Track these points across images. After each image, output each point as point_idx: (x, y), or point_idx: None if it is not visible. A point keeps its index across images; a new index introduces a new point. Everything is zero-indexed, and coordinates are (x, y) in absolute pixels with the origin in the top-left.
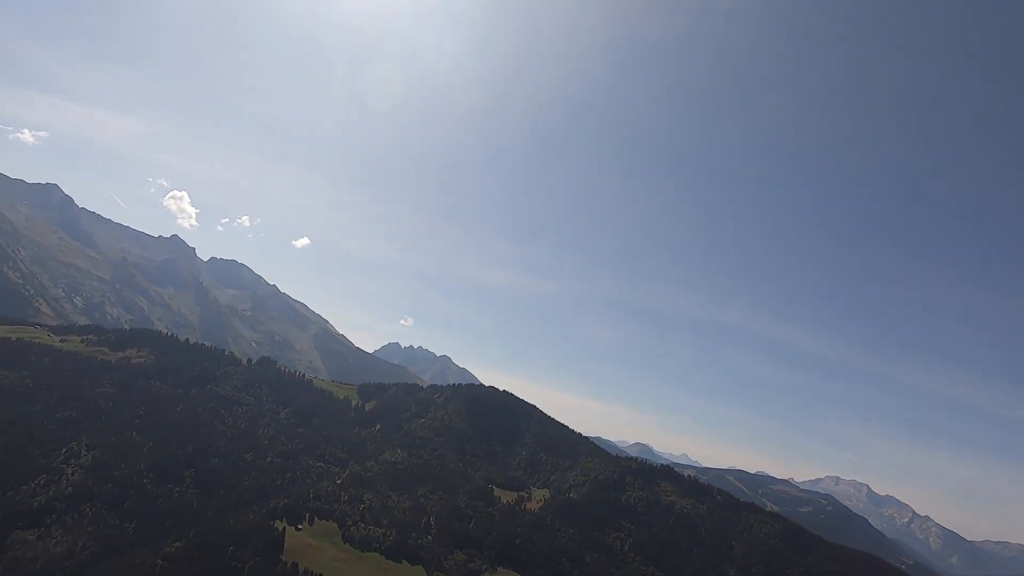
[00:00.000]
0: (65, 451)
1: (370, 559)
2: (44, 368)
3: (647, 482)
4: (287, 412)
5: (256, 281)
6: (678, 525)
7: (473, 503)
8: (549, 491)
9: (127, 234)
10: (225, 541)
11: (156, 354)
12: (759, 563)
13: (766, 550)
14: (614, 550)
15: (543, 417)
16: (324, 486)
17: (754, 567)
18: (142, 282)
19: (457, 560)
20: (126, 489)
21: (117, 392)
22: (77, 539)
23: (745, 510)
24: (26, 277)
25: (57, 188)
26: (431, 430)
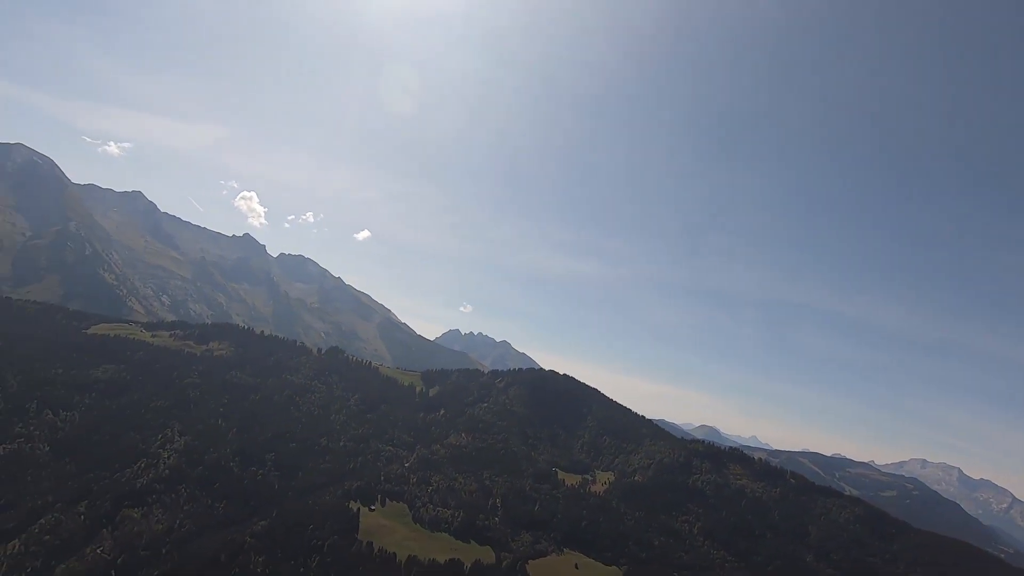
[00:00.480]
0: (161, 437)
1: (440, 539)
2: (139, 361)
3: (715, 465)
4: (356, 399)
5: (322, 274)
6: (749, 509)
7: (538, 486)
8: (613, 474)
9: (204, 235)
10: (305, 521)
11: (235, 346)
12: (838, 549)
13: (846, 536)
14: (682, 534)
15: (605, 400)
16: (394, 469)
17: (832, 553)
18: (220, 279)
19: (524, 541)
20: (215, 472)
21: (203, 382)
22: (175, 517)
23: (821, 494)
24: (120, 278)
25: (141, 195)
26: (493, 414)
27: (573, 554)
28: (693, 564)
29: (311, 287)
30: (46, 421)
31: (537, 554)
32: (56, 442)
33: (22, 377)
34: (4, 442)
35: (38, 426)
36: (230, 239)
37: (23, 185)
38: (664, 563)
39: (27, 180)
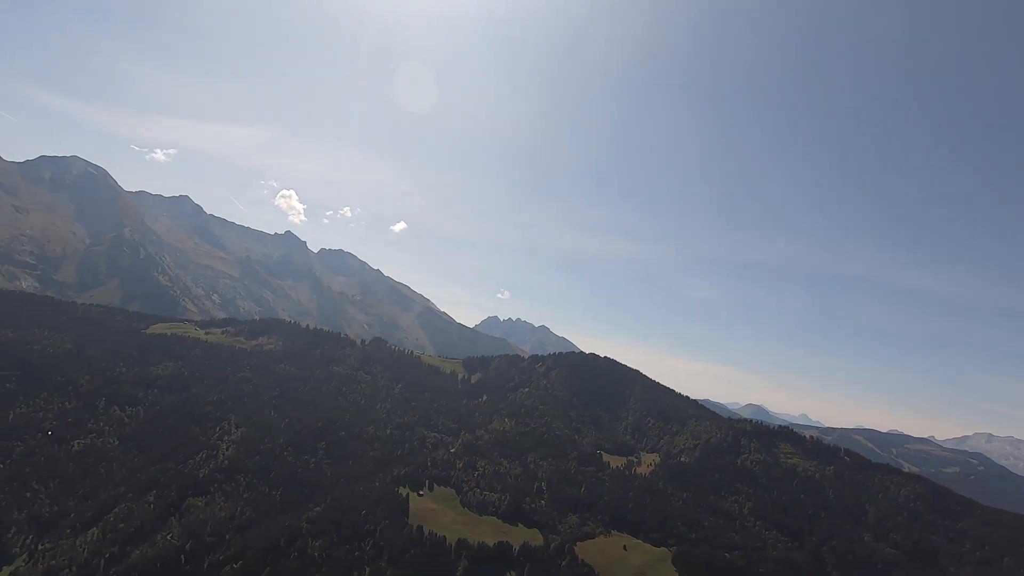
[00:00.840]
0: (219, 429)
1: (488, 522)
2: (195, 358)
3: (764, 444)
4: (400, 387)
5: (362, 267)
6: (801, 488)
7: (582, 468)
8: (659, 455)
9: (248, 234)
10: (357, 506)
11: (283, 340)
12: (898, 528)
13: (906, 514)
14: (732, 514)
15: (647, 382)
16: (440, 455)
17: (892, 532)
18: (265, 277)
19: (571, 523)
20: (270, 461)
21: (254, 376)
22: (236, 505)
23: (879, 471)
24: (173, 280)
25: (188, 199)
26: (535, 399)
27: (621, 536)
28: (744, 545)
29: (352, 280)
30: (114, 417)
31: (584, 536)
32: (124, 436)
33: (91, 376)
34: (79, 437)
35: (107, 422)
36: (272, 237)
37: (81, 195)
38: (714, 544)
39: (84, 190)
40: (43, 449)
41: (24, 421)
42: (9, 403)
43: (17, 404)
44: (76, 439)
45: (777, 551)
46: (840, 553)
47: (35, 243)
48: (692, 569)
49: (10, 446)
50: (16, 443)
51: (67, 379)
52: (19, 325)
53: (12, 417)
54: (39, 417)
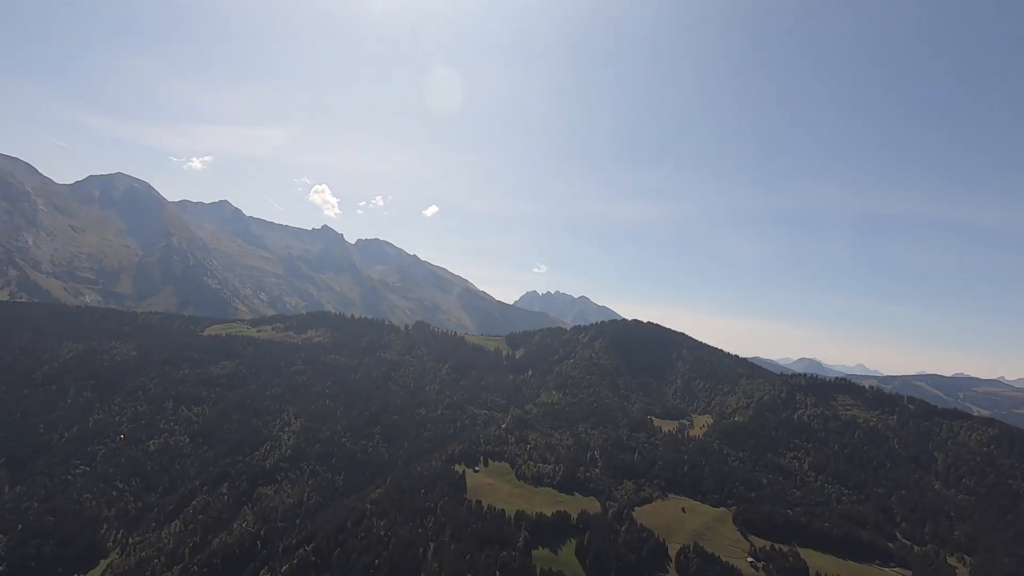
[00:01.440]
0: (279, 421)
1: (544, 493)
2: (251, 355)
3: (821, 398)
4: (447, 368)
5: (398, 254)
6: (863, 440)
7: (634, 434)
8: (711, 417)
9: (288, 232)
10: (416, 485)
11: (331, 332)
12: (970, 474)
13: (978, 459)
14: (791, 471)
15: (694, 344)
16: (491, 431)
17: (964, 479)
18: (307, 272)
19: (627, 489)
20: (331, 447)
21: (307, 368)
22: (303, 491)
23: (946, 417)
24: (222, 283)
25: (228, 203)
26: (581, 369)
27: (678, 498)
28: (807, 500)
29: (390, 267)
30: (183, 416)
31: (642, 501)
32: (194, 433)
33: (157, 380)
34: (153, 437)
35: (177, 421)
36: (310, 232)
37: (129, 209)
38: (775, 501)
39: (131, 205)
40: (123, 450)
41: (103, 426)
42: (88, 410)
43: (95, 411)
44: (151, 439)
45: (842, 505)
46: (909, 503)
47: (93, 259)
48: (754, 527)
49: (94, 450)
50: (99, 447)
51: (136, 384)
52: (88, 337)
53: (92, 423)
54: (116, 421)
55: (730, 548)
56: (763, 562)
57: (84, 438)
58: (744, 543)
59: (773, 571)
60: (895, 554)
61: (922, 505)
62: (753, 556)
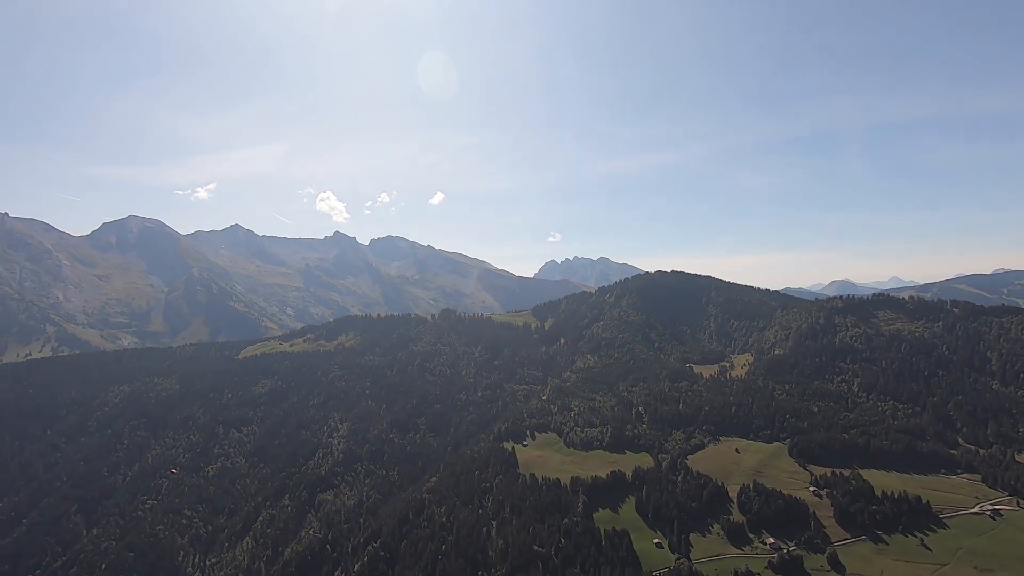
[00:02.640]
0: (327, 428)
1: (596, 456)
2: (288, 370)
3: (861, 317)
4: (479, 350)
5: (412, 247)
6: (911, 352)
7: (676, 385)
8: (751, 355)
9: (301, 244)
10: (469, 467)
11: (360, 334)
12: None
13: None
14: (841, 395)
15: (722, 285)
16: (533, 404)
17: (1022, 374)
18: (327, 280)
19: (677, 439)
20: (380, 445)
21: (344, 372)
22: (361, 491)
23: (994, 314)
24: (248, 305)
25: (239, 227)
26: (612, 329)
27: (730, 440)
28: (861, 421)
29: (406, 262)
30: (234, 439)
31: (694, 448)
32: (248, 453)
33: (204, 408)
34: (210, 463)
35: (229, 444)
36: (323, 241)
37: (146, 250)
38: (828, 428)
39: (148, 244)
40: (185, 480)
41: (162, 460)
42: (144, 448)
43: (151, 447)
44: (208, 465)
45: (897, 420)
46: (967, 408)
47: (122, 303)
48: (811, 457)
49: (157, 484)
50: (162, 480)
51: (186, 415)
52: (132, 379)
53: (151, 459)
54: (173, 454)
55: (790, 480)
56: (825, 489)
57: (146, 474)
58: (803, 473)
59: (837, 496)
60: (960, 460)
61: (981, 407)
62: (815, 485)
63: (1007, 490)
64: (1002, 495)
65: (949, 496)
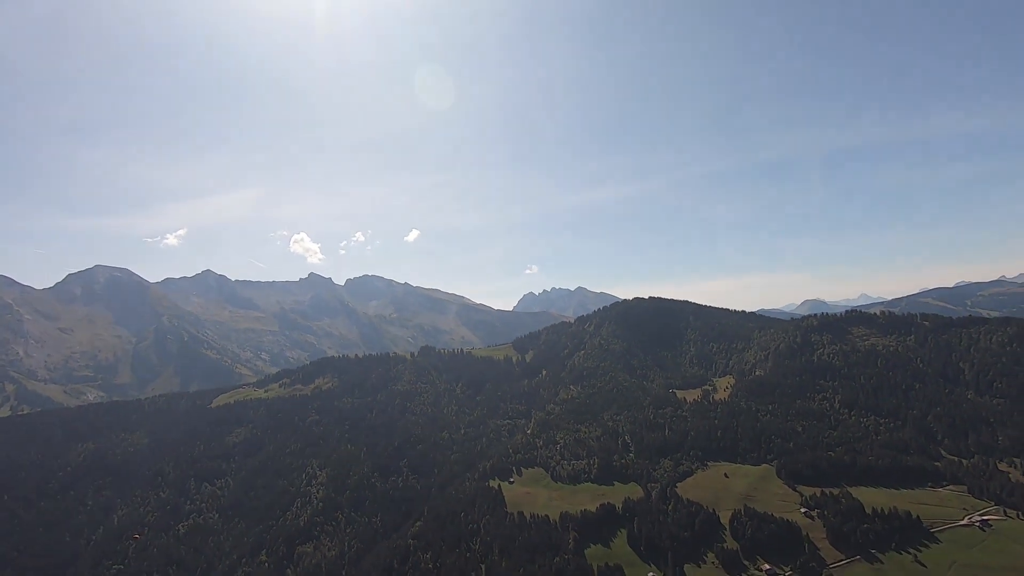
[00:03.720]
0: (305, 476)
1: (584, 489)
2: (262, 417)
3: (836, 334)
4: (460, 386)
5: (389, 286)
6: (887, 366)
7: (660, 411)
8: (732, 377)
9: (275, 288)
10: (455, 509)
11: (338, 375)
12: (1000, 376)
13: (1004, 360)
14: (823, 413)
15: (699, 309)
16: (518, 439)
17: (995, 383)
18: (302, 322)
19: (665, 467)
20: (361, 491)
21: (321, 417)
22: (342, 541)
23: (962, 326)
24: (221, 352)
25: (211, 272)
26: (594, 359)
27: (718, 465)
28: (845, 438)
29: (383, 301)
30: (206, 493)
31: (683, 475)
32: (221, 508)
33: (174, 463)
34: (182, 520)
35: (202, 499)
36: (298, 283)
37: (113, 300)
38: (814, 447)
39: (115, 294)
40: (153, 541)
41: (129, 521)
42: (110, 509)
43: (118, 507)
44: (179, 523)
45: (880, 435)
46: (946, 419)
47: (87, 356)
48: (799, 477)
49: (123, 547)
50: (128, 543)
51: (154, 471)
52: (96, 436)
53: (117, 521)
54: (140, 513)
55: (781, 503)
56: (816, 509)
57: (112, 537)
58: (793, 495)
59: (829, 516)
60: (944, 472)
61: (959, 418)
62: (805, 506)
63: (993, 500)
64: (989, 505)
65: (938, 509)
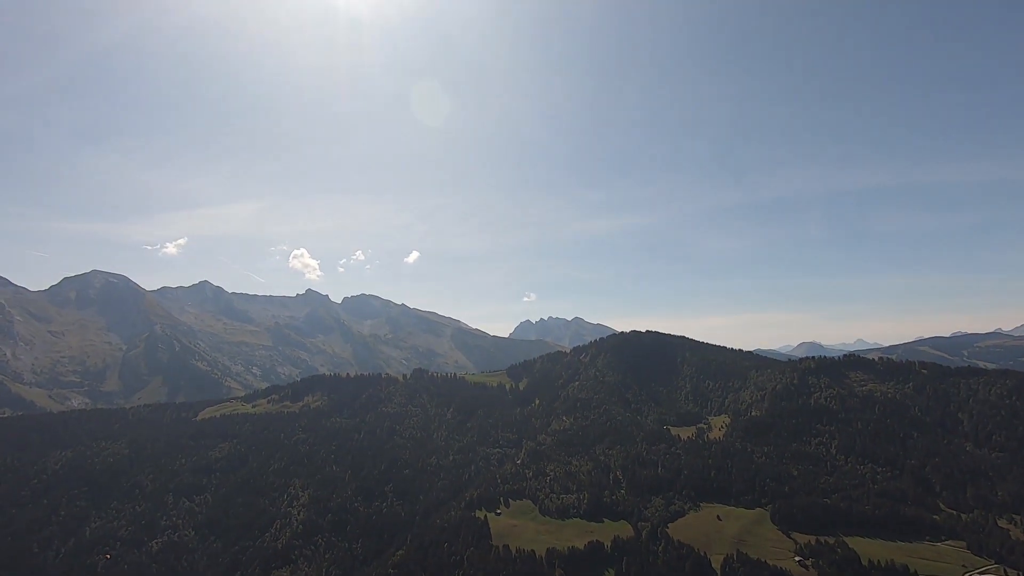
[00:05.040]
0: (286, 496)
1: (572, 525)
2: (248, 432)
3: (834, 378)
4: (451, 412)
5: (386, 306)
6: (885, 413)
7: (653, 448)
8: (728, 416)
9: (272, 302)
10: (439, 539)
11: (328, 394)
12: (999, 429)
13: (1004, 413)
14: (819, 457)
15: (696, 345)
16: (507, 469)
17: (994, 435)
18: (296, 338)
19: (656, 506)
20: (343, 515)
21: (308, 436)
22: (320, 566)
23: (961, 375)
24: (211, 364)
25: (208, 283)
26: (588, 390)
27: (711, 506)
28: (842, 485)
29: (379, 320)
30: (184, 509)
31: (674, 515)
32: (198, 525)
33: (154, 475)
34: (156, 536)
35: (179, 515)
36: (295, 299)
37: (107, 306)
38: (809, 492)
39: (109, 300)
40: (125, 556)
41: (102, 534)
42: (83, 520)
43: (91, 519)
44: (153, 539)
45: (877, 484)
46: (944, 470)
47: (76, 362)
48: (794, 523)
49: (93, 561)
50: (99, 557)
51: (132, 483)
52: (76, 443)
53: (89, 533)
54: (114, 527)
55: (774, 549)
56: (811, 559)
57: (82, 550)
58: (787, 541)
59: (823, 566)
60: (943, 526)
61: (958, 470)
62: (799, 554)
63: (993, 558)
64: (988, 563)
65: (936, 565)
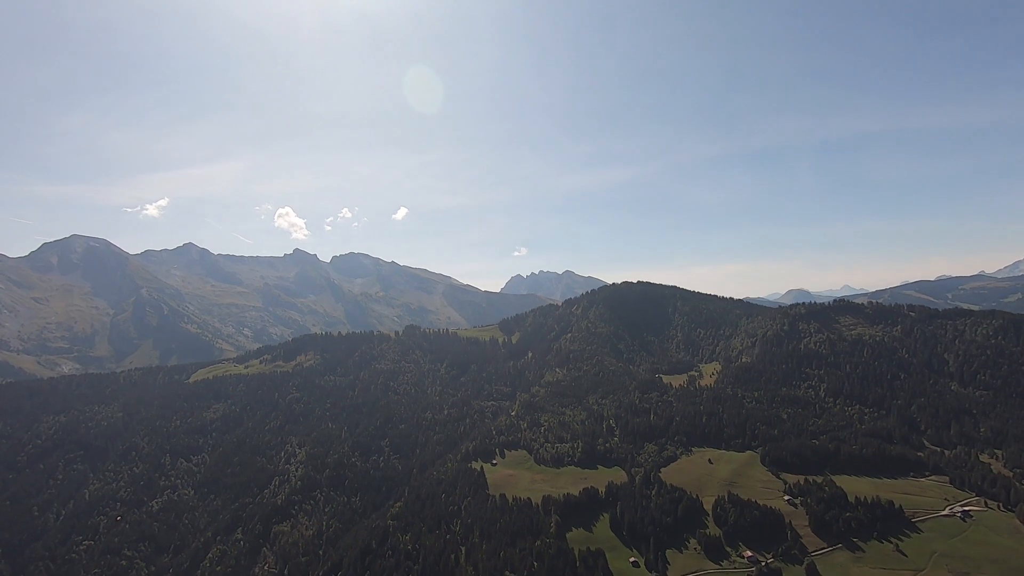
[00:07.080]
0: (284, 453)
1: (567, 473)
2: (242, 393)
3: (823, 323)
4: (445, 367)
5: (376, 264)
6: (873, 356)
7: (646, 396)
8: (719, 363)
9: (260, 263)
10: (436, 490)
11: (320, 353)
12: (983, 368)
13: (989, 352)
14: (809, 400)
15: (687, 294)
16: (502, 421)
17: (979, 375)
18: (286, 299)
19: (649, 452)
20: (341, 470)
21: (303, 394)
22: (320, 521)
23: (948, 317)
24: (201, 326)
25: (193, 245)
26: (580, 341)
27: (702, 451)
28: (830, 427)
29: (369, 279)
30: (182, 469)
31: (667, 461)
32: (197, 484)
33: (149, 437)
34: (155, 496)
35: (177, 475)
36: (283, 259)
37: (91, 270)
38: (799, 435)
39: (92, 265)
40: (126, 516)
41: (101, 495)
42: (81, 483)
43: (89, 482)
44: (153, 499)
45: (865, 424)
46: (929, 410)
47: (63, 327)
48: (783, 465)
49: (94, 522)
50: (99, 518)
51: (128, 446)
52: (69, 408)
53: (88, 495)
54: (113, 488)
55: (764, 490)
56: (800, 497)
57: (82, 512)
58: (777, 482)
59: (811, 504)
60: (927, 462)
61: (943, 409)
62: (788, 493)
63: (974, 491)
64: (970, 496)
65: (920, 499)
